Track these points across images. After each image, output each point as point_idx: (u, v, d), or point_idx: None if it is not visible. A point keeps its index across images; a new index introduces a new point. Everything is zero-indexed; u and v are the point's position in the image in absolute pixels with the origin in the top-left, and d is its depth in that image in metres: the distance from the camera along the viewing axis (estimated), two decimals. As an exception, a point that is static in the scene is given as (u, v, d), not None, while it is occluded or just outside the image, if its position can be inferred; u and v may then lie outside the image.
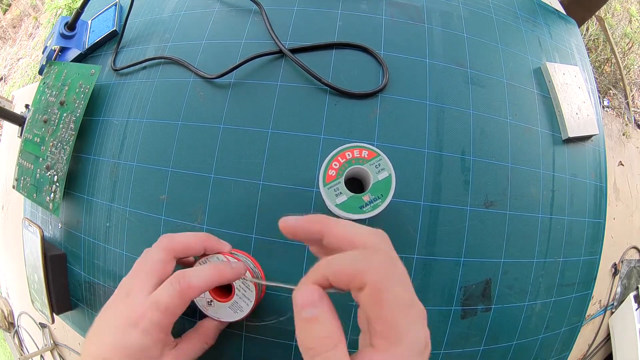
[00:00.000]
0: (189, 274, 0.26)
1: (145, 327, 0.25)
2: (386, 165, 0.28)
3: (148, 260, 0.27)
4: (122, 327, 0.25)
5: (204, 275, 0.26)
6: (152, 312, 0.25)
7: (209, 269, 0.27)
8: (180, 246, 0.27)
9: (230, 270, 0.27)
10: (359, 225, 0.22)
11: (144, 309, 0.25)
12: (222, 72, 0.37)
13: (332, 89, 0.35)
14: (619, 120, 1.04)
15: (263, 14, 0.39)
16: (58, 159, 0.40)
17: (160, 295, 0.25)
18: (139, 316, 0.25)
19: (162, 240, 0.28)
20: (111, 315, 0.26)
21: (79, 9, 0.43)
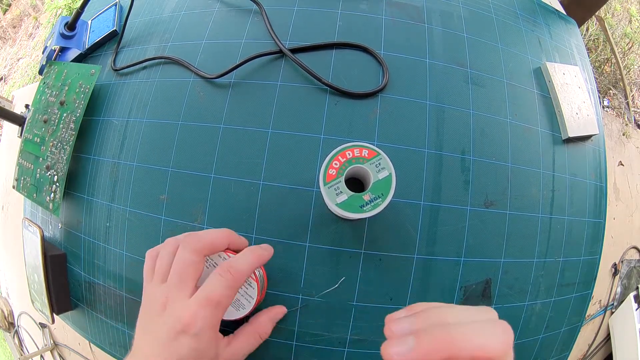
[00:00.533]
0: (235, 262, 0.26)
1: (196, 331, 0.24)
2: (386, 165, 0.28)
3: (182, 265, 0.26)
4: (171, 338, 0.24)
5: (247, 260, 0.27)
6: (205, 311, 0.24)
7: (248, 254, 0.27)
8: (208, 245, 0.27)
9: (265, 251, 0.28)
10: (483, 326, 0.19)
11: (193, 312, 0.24)
12: (222, 72, 0.37)
13: (332, 89, 0.35)
14: (619, 120, 1.04)
15: (263, 14, 0.39)
16: (58, 159, 0.40)
17: (211, 290, 0.25)
18: (188, 321, 0.24)
19: (190, 242, 0.27)
20: (153, 331, 0.25)
21: (79, 9, 0.43)
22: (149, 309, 0.26)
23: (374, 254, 0.33)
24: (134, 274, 0.37)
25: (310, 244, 0.33)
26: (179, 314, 0.24)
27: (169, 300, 0.25)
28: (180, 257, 0.26)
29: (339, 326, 0.33)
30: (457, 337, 0.18)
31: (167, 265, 0.27)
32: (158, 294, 0.26)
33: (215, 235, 0.28)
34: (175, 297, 0.25)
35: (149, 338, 0.25)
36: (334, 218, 0.33)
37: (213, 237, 0.27)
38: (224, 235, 0.28)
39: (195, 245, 0.26)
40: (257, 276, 0.30)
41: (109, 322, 0.39)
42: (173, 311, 0.25)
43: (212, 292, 0.25)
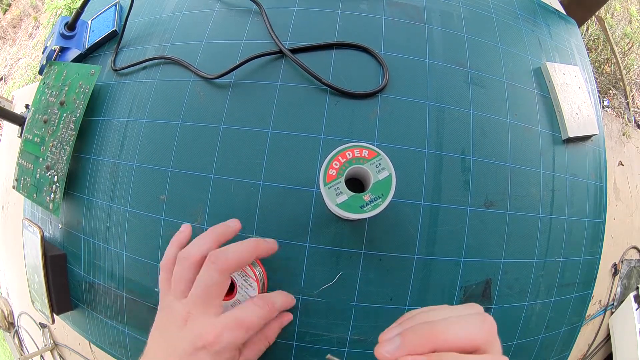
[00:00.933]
0: (274, 297, 0.28)
1: (218, 349, 0.24)
2: (386, 165, 0.28)
3: (208, 283, 0.26)
4: (189, 353, 0.24)
5: (282, 299, 0.29)
6: (233, 332, 0.25)
7: (284, 294, 0.30)
8: (235, 266, 0.27)
9: (291, 299, 0.31)
10: (465, 319, 0.19)
11: (218, 332, 0.25)
12: (222, 72, 0.37)
13: (332, 89, 0.35)
14: (619, 120, 1.04)
15: (263, 14, 0.39)
16: (58, 159, 0.40)
17: (246, 316, 0.26)
18: (212, 340, 0.24)
19: (216, 261, 0.26)
20: (170, 343, 0.25)
21: (79, 9, 0.43)
22: (168, 320, 0.27)
23: (374, 254, 0.33)
24: (134, 274, 0.37)
25: (310, 244, 0.33)
26: (200, 330, 0.25)
27: (191, 316, 0.26)
28: (206, 276, 0.26)
29: (339, 326, 0.33)
30: (440, 330, 0.18)
31: (187, 280, 0.27)
32: (179, 308, 0.26)
33: (243, 254, 0.27)
34: (198, 313, 0.26)
35: (166, 348, 0.26)
36: (334, 218, 0.33)
37: (240, 256, 0.27)
38: (250, 252, 0.28)
39: (222, 265, 0.26)
40: (258, 276, 0.30)
41: (109, 322, 0.39)
42: (195, 327, 0.25)
43: (246, 318, 0.26)
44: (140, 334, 0.38)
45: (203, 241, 0.28)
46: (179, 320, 0.26)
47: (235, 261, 0.27)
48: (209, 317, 0.25)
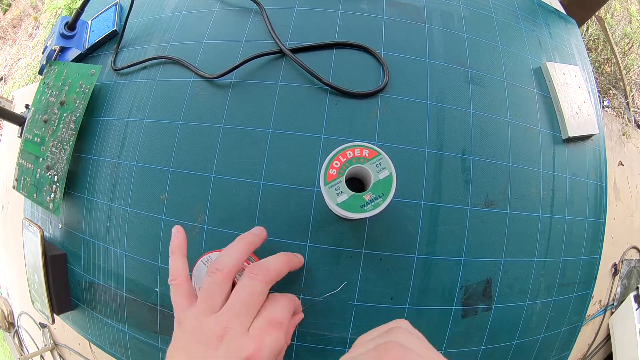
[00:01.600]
0: (296, 319, 0.29)
1: (265, 356, 0.23)
2: (387, 164, 0.28)
3: (250, 295, 0.25)
4: None
5: (290, 305, 0.28)
6: (271, 337, 0.24)
7: (283, 264, 0.28)
8: (276, 276, 0.27)
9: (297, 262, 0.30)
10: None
11: (259, 340, 0.23)
12: (222, 72, 0.37)
13: (333, 89, 0.35)
14: (619, 120, 1.04)
15: (263, 13, 0.39)
16: (58, 159, 0.40)
17: (274, 313, 0.25)
18: (253, 351, 0.23)
19: (260, 272, 0.26)
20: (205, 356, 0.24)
21: (79, 9, 0.43)
22: (199, 340, 0.24)
23: (374, 254, 0.33)
24: (135, 274, 0.37)
25: (311, 243, 0.33)
26: (241, 344, 0.23)
27: (229, 330, 0.24)
28: (250, 286, 0.25)
29: (339, 326, 0.33)
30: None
31: (222, 293, 0.25)
32: (211, 325, 0.24)
33: (281, 267, 0.28)
34: (237, 327, 0.24)
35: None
36: (335, 218, 0.33)
37: (279, 268, 0.27)
38: (286, 264, 0.28)
39: (265, 276, 0.26)
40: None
41: (109, 322, 0.39)
42: (234, 342, 0.23)
43: (275, 315, 0.25)
44: (140, 334, 0.38)
45: (235, 251, 0.27)
46: (214, 338, 0.23)
47: (276, 273, 0.27)
48: (245, 332, 0.24)
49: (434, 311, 0.34)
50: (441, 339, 0.34)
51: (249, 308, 0.25)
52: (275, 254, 0.29)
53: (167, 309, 0.36)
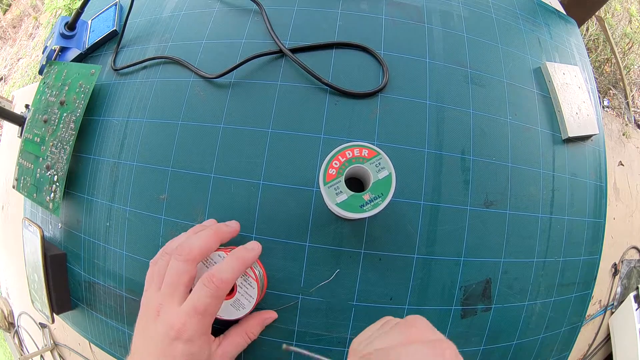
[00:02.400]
0: (217, 271, 0.27)
1: (189, 336, 0.25)
2: (386, 164, 0.28)
3: (174, 274, 0.27)
4: (166, 344, 0.25)
5: (230, 267, 0.27)
6: (192, 320, 0.25)
7: (231, 260, 0.28)
8: (198, 254, 0.28)
9: (250, 253, 0.29)
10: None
11: (183, 321, 0.25)
12: (222, 71, 0.37)
13: (333, 89, 0.35)
14: (619, 120, 1.04)
15: (263, 13, 0.39)
16: (58, 159, 0.40)
17: (197, 299, 0.26)
18: (180, 328, 0.25)
19: (181, 252, 0.28)
20: (149, 336, 0.26)
21: (79, 9, 0.43)
22: (146, 314, 0.28)
23: (373, 254, 0.33)
24: (134, 274, 0.37)
25: (310, 243, 0.33)
26: (171, 321, 0.26)
27: (162, 307, 0.26)
28: (172, 266, 0.27)
29: (339, 326, 0.33)
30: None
31: (162, 273, 0.28)
32: (153, 301, 0.27)
33: (205, 241, 0.28)
34: (168, 304, 0.26)
35: (146, 341, 0.27)
36: (334, 218, 0.33)
37: (203, 244, 0.28)
38: (211, 238, 0.29)
39: (187, 255, 0.27)
40: (257, 276, 0.30)
41: (109, 322, 0.39)
42: (166, 318, 0.26)
43: (198, 302, 0.26)
44: (140, 334, 0.38)
45: (200, 239, 0.28)
46: (154, 313, 0.27)
47: (199, 250, 0.27)
48: (177, 307, 0.26)
49: (434, 311, 0.34)
50: (441, 339, 0.34)
51: (175, 286, 0.27)
52: (207, 228, 0.30)
53: (167, 309, 0.36)
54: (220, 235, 0.29)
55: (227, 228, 0.30)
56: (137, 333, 0.28)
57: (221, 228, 0.30)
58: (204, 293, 0.26)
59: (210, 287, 0.26)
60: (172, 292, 0.27)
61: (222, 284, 0.26)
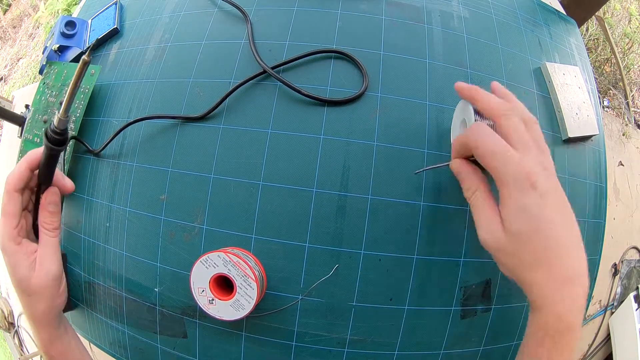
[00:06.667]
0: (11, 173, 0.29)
1: (2, 243, 0.27)
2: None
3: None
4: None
5: (17, 163, 0.29)
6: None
7: (21, 159, 0.29)
8: (12, 184, 0.29)
9: (35, 150, 0.29)
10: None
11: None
12: (207, 109, 0.36)
13: (311, 98, 0.35)
14: (619, 120, 1.04)
15: (248, 25, 0.38)
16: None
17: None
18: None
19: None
20: None
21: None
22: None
23: (373, 254, 0.33)
24: (134, 274, 0.37)
25: (310, 244, 0.33)
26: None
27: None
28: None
29: (338, 326, 0.33)
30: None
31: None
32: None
33: (18, 169, 0.29)
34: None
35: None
36: (334, 218, 0.33)
37: (15, 172, 0.29)
38: (21, 165, 0.29)
39: (4, 187, 0.28)
40: (257, 277, 0.30)
41: (108, 322, 0.39)
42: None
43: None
44: (139, 334, 0.38)
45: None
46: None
47: (11, 182, 0.28)
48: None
49: (433, 312, 0.34)
50: (440, 340, 0.34)
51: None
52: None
53: (167, 309, 0.36)
54: (27, 160, 0.29)
55: (33, 152, 0.30)
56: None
57: (30, 154, 0.29)
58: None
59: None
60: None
61: (8, 178, 0.28)
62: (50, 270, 0.29)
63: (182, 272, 0.35)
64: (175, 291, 0.35)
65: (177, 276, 0.35)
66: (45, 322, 0.29)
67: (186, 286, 0.31)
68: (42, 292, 0.28)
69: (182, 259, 0.35)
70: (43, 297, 0.28)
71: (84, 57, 0.24)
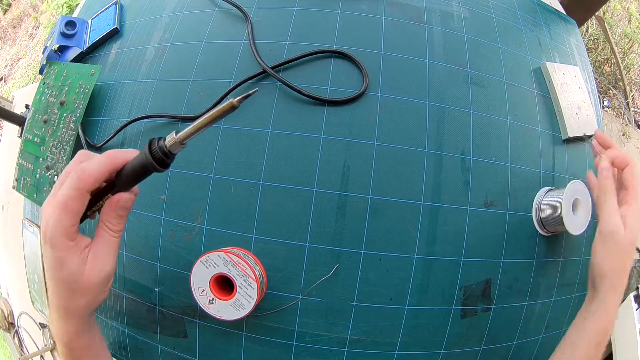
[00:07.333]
0: (86, 165, 0.25)
1: (51, 236, 0.24)
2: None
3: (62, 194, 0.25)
4: (42, 248, 0.25)
5: (96, 160, 0.25)
6: (54, 214, 0.24)
7: (101, 156, 0.26)
8: (90, 183, 0.25)
9: (121, 152, 0.26)
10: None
11: (47, 215, 0.24)
12: (207, 108, 0.36)
13: (311, 98, 0.35)
14: (619, 120, 1.04)
15: (248, 25, 0.38)
16: (58, 159, 0.40)
17: (60, 191, 0.24)
18: (44, 227, 0.24)
19: (73, 176, 0.25)
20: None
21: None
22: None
23: (373, 254, 0.33)
24: (134, 274, 0.37)
25: (310, 244, 0.33)
26: (42, 219, 0.25)
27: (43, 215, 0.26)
28: (64, 188, 0.25)
29: (338, 326, 0.33)
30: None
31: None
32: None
33: (97, 169, 0.25)
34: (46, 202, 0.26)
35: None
36: (334, 218, 0.33)
37: (95, 170, 0.25)
38: (102, 167, 0.25)
39: (75, 182, 0.25)
40: (257, 276, 0.30)
41: (109, 322, 0.39)
42: (41, 216, 0.25)
43: (60, 194, 0.24)
44: (140, 334, 0.38)
45: (83, 165, 0.26)
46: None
47: (91, 177, 0.25)
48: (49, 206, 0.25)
49: (434, 311, 0.34)
50: (440, 340, 0.34)
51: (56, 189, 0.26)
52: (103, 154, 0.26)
53: (167, 309, 0.36)
54: (116, 161, 0.26)
55: (122, 153, 0.26)
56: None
57: (118, 153, 0.26)
58: (67, 184, 0.24)
59: (72, 176, 0.24)
60: (54, 192, 0.25)
61: (83, 174, 0.24)
62: (104, 268, 0.27)
63: (182, 272, 0.35)
64: (176, 291, 0.35)
65: (178, 276, 0.35)
66: (79, 316, 0.28)
67: (186, 286, 0.31)
68: (91, 288, 0.27)
69: (182, 259, 0.35)
70: (89, 293, 0.27)
71: (232, 101, 0.23)
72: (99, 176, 0.25)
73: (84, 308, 0.28)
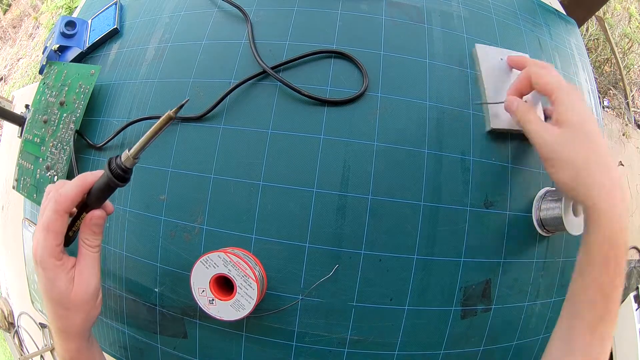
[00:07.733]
0: (62, 187, 0.27)
1: (40, 258, 0.27)
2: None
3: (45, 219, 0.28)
4: (35, 272, 0.28)
5: (72, 183, 0.27)
6: (40, 236, 0.26)
7: (74, 180, 0.28)
8: (66, 203, 0.27)
9: (91, 175, 0.28)
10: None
11: (35, 239, 0.27)
12: (207, 108, 0.36)
13: (311, 99, 0.35)
14: (619, 120, 1.04)
15: (248, 25, 0.38)
16: (58, 159, 0.40)
17: (43, 216, 0.27)
18: (34, 249, 0.27)
19: (50, 200, 0.27)
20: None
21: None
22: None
23: (373, 255, 0.33)
24: (134, 274, 0.37)
25: (310, 244, 0.33)
26: (33, 244, 0.27)
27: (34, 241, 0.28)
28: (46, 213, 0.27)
29: (338, 326, 0.33)
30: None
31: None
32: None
33: (71, 191, 0.27)
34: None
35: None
36: (334, 218, 0.33)
37: (67, 192, 0.27)
38: (75, 188, 0.27)
39: (54, 205, 0.27)
40: (257, 277, 0.30)
41: (108, 322, 0.39)
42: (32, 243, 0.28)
43: (43, 218, 0.27)
44: (139, 334, 0.38)
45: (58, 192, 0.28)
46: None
47: (64, 199, 0.27)
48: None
49: (434, 312, 0.34)
50: (440, 340, 0.34)
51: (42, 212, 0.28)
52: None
53: (167, 310, 0.36)
54: (86, 183, 0.28)
55: (91, 175, 0.28)
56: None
57: (87, 176, 0.28)
58: (48, 208, 0.27)
59: (50, 201, 0.27)
60: (39, 218, 0.28)
61: (60, 197, 0.26)
62: (90, 283, 0.29)
63: (182, 272, 0.35)
64: (176, 291, 0.35)
65: (178, 276, 0.35)
66: (77, 334, 0.30)
67: (186, 286, 0.31)
68: (81, 305, 0.29)
69: (182, 259, 0.35)
70: (81, 310, 0.29)
71: (169, 113, 0.25)
72: (74, 197, 0.27)
73: (81, 325, 0.29)
